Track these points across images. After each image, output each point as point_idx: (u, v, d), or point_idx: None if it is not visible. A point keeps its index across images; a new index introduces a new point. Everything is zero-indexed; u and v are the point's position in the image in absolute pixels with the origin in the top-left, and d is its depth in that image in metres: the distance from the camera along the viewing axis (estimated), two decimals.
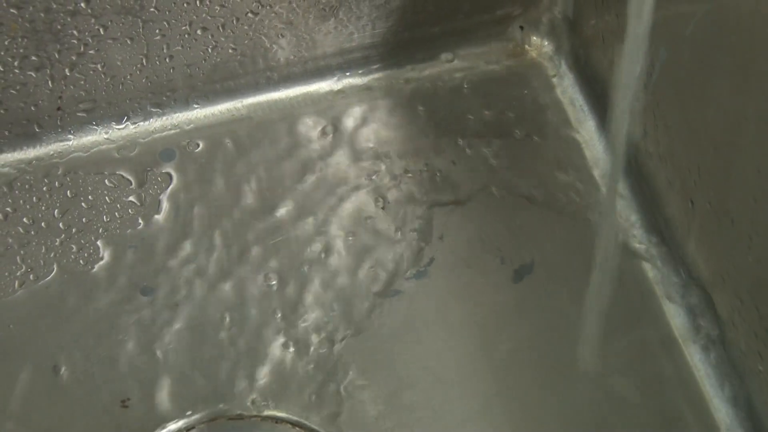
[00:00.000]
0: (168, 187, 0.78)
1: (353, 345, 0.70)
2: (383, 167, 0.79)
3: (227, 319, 0.71)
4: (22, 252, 0.74)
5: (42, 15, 0.71)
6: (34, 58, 0.74)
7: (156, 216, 0.76)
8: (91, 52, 0.75)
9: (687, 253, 0.70)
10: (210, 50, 0.78)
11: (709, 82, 0.62)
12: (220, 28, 0.77)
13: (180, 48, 0.77)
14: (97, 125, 0.80)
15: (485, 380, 0.69)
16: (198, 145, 0.80)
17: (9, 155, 0.78)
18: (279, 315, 0.71)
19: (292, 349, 0.70)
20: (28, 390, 0.68)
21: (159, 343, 0.70)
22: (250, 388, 0.69)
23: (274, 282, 0.73)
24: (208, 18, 0.76)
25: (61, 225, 0.75)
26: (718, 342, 0.68)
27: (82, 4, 0.72)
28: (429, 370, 0.70)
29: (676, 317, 0.71)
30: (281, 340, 0.70)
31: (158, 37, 0.76)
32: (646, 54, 0.52)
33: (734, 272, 0.64)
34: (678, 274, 0.71)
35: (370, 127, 0.81)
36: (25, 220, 0.75)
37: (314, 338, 0.71)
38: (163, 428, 0.67)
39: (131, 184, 0.78)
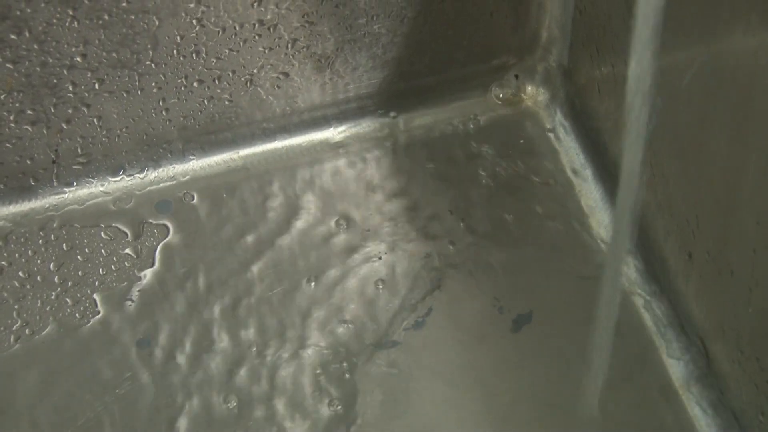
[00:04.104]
0: (164, 239, 0.77)
1: (351, 397, 0.70)
2: (380, 217, 0.79)
3: (224, 373, 0.71)
4: (17, 306, 0.74)
5: (38, 69, 0.71)
6: (29, 112, 0.74)
7: (152, 268, 0.76)
8: (87, 105, 0.75)
9: (686, 303, 0.70)
10: (206, 102, 0.78)
11: (707, 132, 0.62)
12: (216, 81, 0.77)
13: (176, 100, 0.77)
14: (92, 178, 0.80)
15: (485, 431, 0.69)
16: (194, 197, 0.80)
17: (4, 208, 0.78)
18: (279, 368, 0.71)
19: (288, 404, 0.70)
20: None
21: (157, 396, 0.70)
22: None
23: (271, 335, 0.73)
24: (204, 71, 0.76)
25: (56, 278, 0.75)
26: (719, 393, 0.68)
27: (78, 59, 0.72)
28: (428, 422, 0.69)
29: (675, 367, 0.70)
30: (279, 393, 0.70)
31: (154, 90, 0.76)
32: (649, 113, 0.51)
33: (734, 323, 0.64)
34: (677, 324, 0.71)
35: (367, 176, 0.81)
36: (20, 273, 0.75)
37: (311, 391, 0.70)
38: None
39: (127, 236, 0.77)
